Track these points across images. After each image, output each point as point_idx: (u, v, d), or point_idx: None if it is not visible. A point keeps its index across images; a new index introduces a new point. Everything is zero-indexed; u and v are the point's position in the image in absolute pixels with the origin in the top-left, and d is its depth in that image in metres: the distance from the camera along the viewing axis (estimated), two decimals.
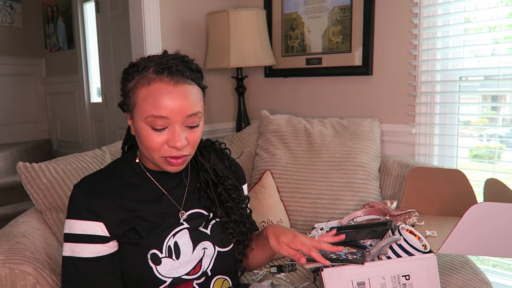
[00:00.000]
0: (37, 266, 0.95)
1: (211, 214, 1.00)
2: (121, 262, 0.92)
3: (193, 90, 0.90)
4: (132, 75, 0.90)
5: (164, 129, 0.87)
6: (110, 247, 0.90)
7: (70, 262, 0.88)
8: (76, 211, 0.89)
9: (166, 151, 0.88)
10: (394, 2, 1.84)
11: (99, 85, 3.48)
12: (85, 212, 0.89)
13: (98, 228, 0.89)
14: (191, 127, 0.90)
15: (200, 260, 0.95)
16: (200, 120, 0.91)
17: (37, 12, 4.08)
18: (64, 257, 0.90)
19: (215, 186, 1.02)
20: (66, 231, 0.90)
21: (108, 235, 0.90)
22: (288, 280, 1.34)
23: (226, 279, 0.99)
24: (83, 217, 0.88)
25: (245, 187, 1.14)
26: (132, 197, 0.93)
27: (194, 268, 0.94)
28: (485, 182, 1.28)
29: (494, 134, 1.75)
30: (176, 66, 0.88)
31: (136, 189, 0.95)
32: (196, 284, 0.95)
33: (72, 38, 3.71)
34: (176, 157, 0.89)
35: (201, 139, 1.06)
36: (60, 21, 3.85)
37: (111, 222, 0.89)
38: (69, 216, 0.90)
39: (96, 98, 3.60)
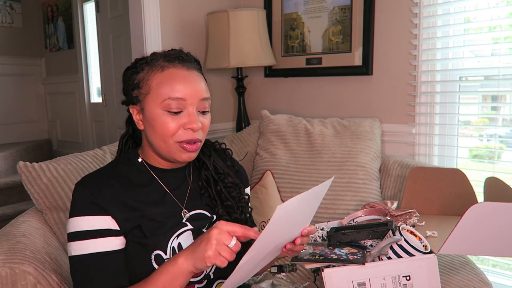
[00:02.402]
0: (38, 266, 0.95)
1: (214, 216, 1.00)
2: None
3: (202, 78, 0.97)
4: (141, 67, 0.94)
5: (179, 112, 0.90)
6: (122, 242, 0.89)
7: (83, 261, 0.85)
8: (80, 208, 0.87)
9: (182, 135, 0.90)
10: (394, 2, 1.84)
11: (99, 85, 3.47)
12: (90, 207, 0.87)
13: (107, 221, 0.87)
14: (203, 113, 0.94)
15: None
16: (209, 107, 0.96)
17: (37, 12, 4.08)
18: (73, 257, 0.86)
19: (215, 184, 1.02)
20: (72, 230, 0.86)
21: (118, 228, 0.88)
22: (288, 280, 1.34)
23: None
24: (90, 213, 0.86)
25: (247, 190, 1.14)
26: (136, 197, 0.92)
27: None
28: (485, 181, 1.28)
29: (494, 134, 1.75)
30: (184, 55, 0.96)
31: (139, 189, 0.94)
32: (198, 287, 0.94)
33: (72, 38, 3.71)
34: (191, 142, 0.91)
35: None
36: (60, 21, 3.84)
37: (117, 217, 0.88)
38: (74, 214, 0.87)
39: (96, 98, 3.60)
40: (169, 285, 0.82)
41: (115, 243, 0.87)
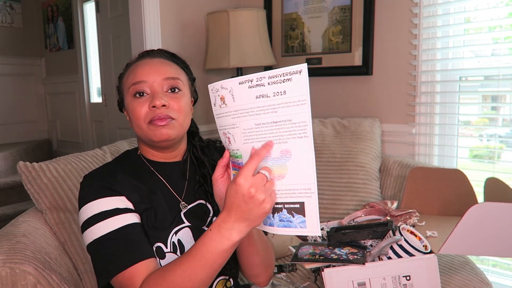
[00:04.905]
0: (38, 266, 0.95)
1: (212, 211, 1.00)
2: None
3: (173, 65, 0.97)
4: (122, 72, 1.01)
5: (143, 94, 0.92)
6: (138, 218, 0.89)
7: (103, 242, 0.83)
8: (93, 194, 0.87)
9: (149, 114, 0.90)
10: (394, 2, 1.84)
11: (99, 85, 3.47)
12: (103, 191, 0.87)
13: (123, 200, 0.87)
14: (173, 91, 0.93)
15: None
16: (183, 88, 0.95)
17: (37, 12, 4.08)
18: (91, 243, 0.84)
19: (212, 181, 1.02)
20: (87, 216, 0.86)
21: (133, 207, 0.88)
22: (288, 280, 1.34)
23: (228, 280, 0.99)
24: (103, 196, 0.86)
25: None
26: (142, 186, 0.94)
27: None
28: (485, 182, 1.28)
29: (494, 134, 1.75)
30: (158, 52, 0.99)
31: (142, 180, 0.95)
32: None
33: (72, 38, 3.71)
34: (160, 118, 0.90)
35: (202, 139, 1.08)
36: (60, 21, 3.84)
37: (132, 199, 0.89)
38: (86, 201, 0.87)
39: (96, 98, 3.60)
40: (224, 260, 0.76)
41: (135, 217, 0.88)
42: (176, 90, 0.94)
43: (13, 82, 3.86)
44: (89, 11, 3.52)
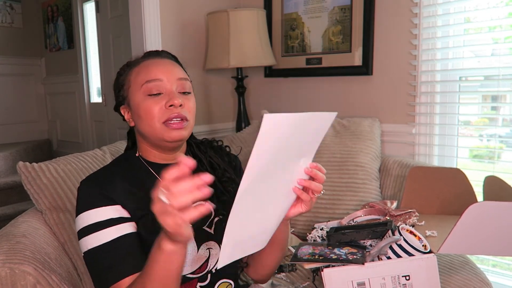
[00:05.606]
0: (37, 266, 0.95)
1: (213, 211, 1.00)
2: None
3: (177, 65, 1.00)
4: (123, 69, 1.01)
5: (159, 94, 0.92)
6: (135, 227, 0.89)
7: (100, 252, 0.85)
8: (89, 202, 0.88)
9: (165, 113, 0.91)
10: (394, 2, 1.84)
11: (99, 85, 3.48)
12: (99, 199, 0.88)
13: (118, 209, 0.88)
14: (184, 93, 0.96)
15: (207, 260, 0.95)
16: (191, 90, 0.98)
17: (37, 12, 4.08)
18: (88, 251, 0.86)
19: None
20: (83, 225, 0.87)
21: (129, 215, 0.89)
22: (288, 280, 1.34)
23: (229, 283, 0.99)
24: (99, 205, 0.87)
25: None
26: (139, 191, 0.94)
27: (200, 267, 0.94)
28: (484, 180, 1.28)
29: (494, 134, 1.75)
30: (160, 51, 1.02)
31: (139, 184, 0.95)
32: (200, 287, 0.94)
33: (72, 38, 3.71)
34: (176, 120, 0.91)
35: (195, 137, 1.09)
36: (60, 21, 3.85)
37: (128, 206, 0.90)
38: (83, 209, 0.88)
39: (96, 98, 3.60)
40: (166, 271, 0.74)
41: (130, 227, 0.88)
42: (187, 91, 0.96)
43: (13, 82, 3.86)
44: (89, 11, 3.52)
